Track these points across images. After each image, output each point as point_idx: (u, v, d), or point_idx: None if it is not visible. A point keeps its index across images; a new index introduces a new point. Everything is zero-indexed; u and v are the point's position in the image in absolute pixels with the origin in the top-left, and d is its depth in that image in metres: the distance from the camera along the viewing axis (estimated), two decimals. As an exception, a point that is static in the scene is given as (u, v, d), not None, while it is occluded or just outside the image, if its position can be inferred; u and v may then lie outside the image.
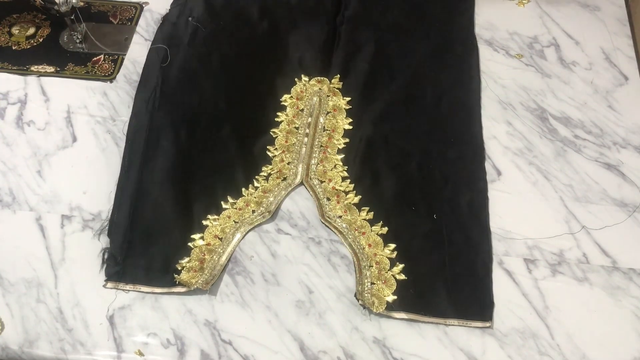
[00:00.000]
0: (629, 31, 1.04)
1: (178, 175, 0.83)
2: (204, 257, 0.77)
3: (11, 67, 0.97)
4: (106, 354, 0.71)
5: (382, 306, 0.72)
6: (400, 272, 0.75)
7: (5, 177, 0.85)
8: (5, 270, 0.76)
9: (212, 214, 0.80)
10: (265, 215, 0.80)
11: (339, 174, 0.84)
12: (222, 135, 0.88)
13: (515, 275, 0.77)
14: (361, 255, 0.76)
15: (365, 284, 0.74)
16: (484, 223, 0.80)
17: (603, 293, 0.75)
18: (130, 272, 0.75)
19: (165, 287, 0.74)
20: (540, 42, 1.03)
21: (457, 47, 0.99)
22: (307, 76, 0.95)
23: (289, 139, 0.88)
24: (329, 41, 0.99)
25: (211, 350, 0.71)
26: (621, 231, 0.81)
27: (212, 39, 0.99)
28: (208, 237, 0.78)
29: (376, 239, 0.78)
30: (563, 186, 0.85)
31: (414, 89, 0.93)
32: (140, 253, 0.77)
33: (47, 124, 0.90)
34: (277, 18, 1.02)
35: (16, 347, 0.71)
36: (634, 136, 0.90)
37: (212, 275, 0.75)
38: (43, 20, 1.04)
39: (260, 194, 0.83)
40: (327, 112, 0.91)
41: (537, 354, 0.71)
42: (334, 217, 0.80)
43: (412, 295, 0.74)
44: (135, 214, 0.80)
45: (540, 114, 0.93)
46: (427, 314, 0.72)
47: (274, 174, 0.85)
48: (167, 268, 0.76)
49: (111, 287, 0.75)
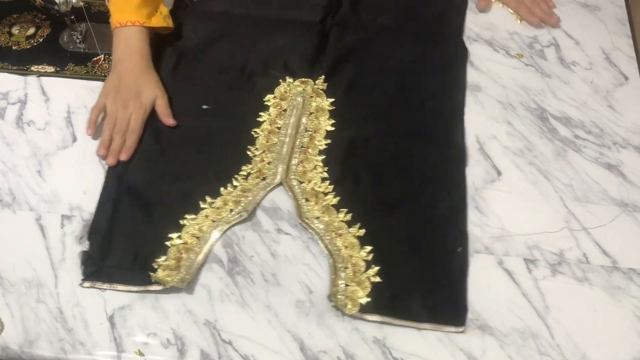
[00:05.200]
0: (629, 31, 1.04)
1: (158, 175, 0.84)
2: (181, 256, 0.77)
3: (11, 67, 0.97)
4: (106, 354, 0.71)
5: (356, 308, 0.72)
6: (375, 275, 0.75)
7: (5, 177, 0.85)
8: (5, 270, 0.76)
9: (190, 213, 0.80)
10: (242, 215, 0.80)
11: (319, 174, 0.84)
12: (203, 135, 0.88)
13: (515, 275, 0.77)
14: (337, 257, 0.76)
15: (340, 285, 0.74)
16: (461, 228, 0.79)
17: (603, 293, 0.75)
18: (107, 271, 0.75)
19: (141, 285, 0.74)
20: (540, 42, 1.03)
21: (446, 52, 0.98)
22: (292, 77, 0.95)
23: (270, 139, 0.88)
24: (317, 44, 0.99)
25: (211, 350, 0.71)
26: (621, 231, 0.81)
27: (200, 40, 1.00)
28: (185, 236, 0.78)
29: (353, 240, 0.77)
30: (563, 186, 0.85)
31: (399, 93, 0.93)
32: (118, 253, 0.77)
33: (47, 124, 0.90)
34: (266, 20, 1.02)
35: (16, 347, 0.71)
36: (634, 136, 0.90)
37: (189, 274, 0.75)
38: (43, 20, 1.04)
39: (239, 193, 0.82)
40: (310, 113, 0.91)
41: (537, 354, 0.71)
42: (312, 218, 0.80)
43: (387, 298, 0.73)
44: (115, 216, 0.80)
45: (540, 114, 0.93)
46: (401, 317, 0.72)
47: (253, 173, 0.84)
48: (144, 267, 0.76)
49: (88, 286, 0.75)
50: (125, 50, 0.90)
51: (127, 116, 0.86)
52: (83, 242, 0.79)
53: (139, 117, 0.87)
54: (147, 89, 0.89)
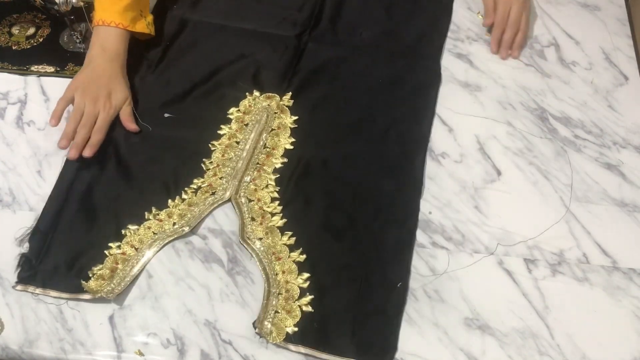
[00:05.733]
0: (629, 31, 1.04)
1: (109, 181, 0.83)
2: (116, 266, 0.75)
3: (11, 67, 0.97)
4: (106, 354, 0.71)
5: (281, 337, 0.70)
6: (308, 304, 0.73)
7: (5, 177, 0.85)
8: (5, 270, 0.76)
9: (134, 223, 0.79)
10: (184, 229, 0.78)
11: (270, 194, 0.82)
12: (160, 143, 0.87)
13: (515, 275, 0.77)
14: (273, 282, 0.74)
15: (269, 312, 0.72)
16: (405, 263, 0.76)
17: (603, 293, 0.75)
18: (42, 276, 0.75)
19: (72, 292, 0.73)
20: (540, 42, 1.03)
21: (419, 76, 0.96)
22: (260, 91, 0.93)
23: (226, 153, 0.86)
24: (290, 59, 0.97)
25: (211, 350, 0.71)
26: (621, 231, 0.81)
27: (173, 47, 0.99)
28: (125, 247, 0.77)
29: (291, 266, 0.75)
30: (563, 186, 0.85)
31: (365, 116, 0.90)
32: (55, 258, 0.76)
33: (47, 124, 0.90)
34: (242, 31, 1.01)
35: (16, 347, 0.71)
36: (634, 136, 0.90)
37: (120, 286, 0.74)
38: (43, 20, 1.04)
39: (185, 207, 0.81)
40: (271, 130, 0.89)
41: (537, 354, 0.71)
42: (254, 239, 0.78)
43: (315, 329, 0.71)
44: (59, 219, 0.79)
45: (540, 114, 0.93)
46: (326, 350, 0.70)
47: (204, 187, 0.82)
48: (79, 274, 0.75)
49: (20, 289, 0.74)
50: (103, 49, 0.89)
51: (95, 113, 0.85)
52: (23, 244, 0.78)
53: (107, 116, 0.86)
54: (119, 91, 0.88)
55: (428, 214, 0.82)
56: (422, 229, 0.80)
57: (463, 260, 0.77)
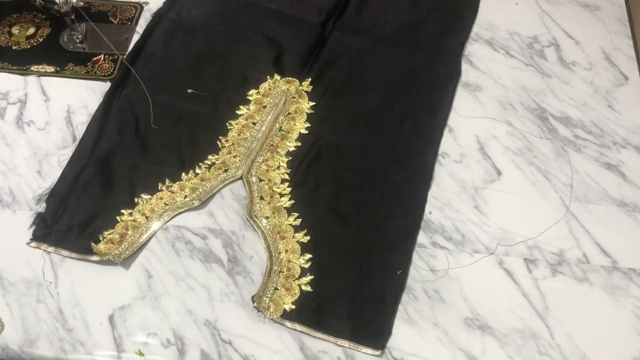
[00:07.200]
0: (629, 31, 1.04)
1: (127, 150, 0.85)
2: (126, 232, 0.78)
3: (11, 67, 0.97)
4: (106, 354, 0.71)
5: (278, 313, 0.71)
6: (307, 284, 0.74)
7: (5, 177, 0.85)
8: (5, 270, 0.76)
9: (147, 193, 0.82)
10: (194, 203, 0.81)
11: (280, 175, 0.84)
12: (179, 117, 0.89)
13: (515, 275, 0.77)
14: (275, 260, 0.76)
15: (269, 288, 0.73)
16: (407, 252, 0.77)
17: (603, 293, 0.75)
18: (55, 235, 0.77)
19: (82, 253, 0.76)
20: (540, 42, 1.03)
21: (439, 70, 0.97)
22: (280, 75, 0.95)
23: (242, 133, 0.88)
24: (312, 45, 0.99)
25: (211, 350, 0.71)
26: (621, 231, 0.81)
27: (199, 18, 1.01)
28: (136, 214, 0.80)
29: (295, 246, 0.77)
30: (563, 186, 0.85)
31: (381, 106, 0.92)
32: (69, 220, 0.79)
33: (47, 124, 0.90)
34: (268, 11, 1.03)
35: (16, 347, 0.71)
36: (634, 136, 0.90)
37: (128, 250, 0.76)
38: (43, 20, 1.04)
39: (197, 181, 0.83)
40: (288, 114, 0.91)
41: (537, 354, 0.71)
42: (261, 217, 0.80)
43: (312, 308, 0.72)
44: (77, 184, 0.82)
45: (540, 114, 0.93)
46: (321, 330, 0.71)
47: (217, 164, 0.85)
48: (91, 237, 0.77)
49: (34, 246, 0.77)
50: None
51: None
52: (40, 204, 0.80)
53: None
54: None
55: (428, 214, 0.82)
56: (422, 229, 0.80)
57: (463, 260, 0.78)
